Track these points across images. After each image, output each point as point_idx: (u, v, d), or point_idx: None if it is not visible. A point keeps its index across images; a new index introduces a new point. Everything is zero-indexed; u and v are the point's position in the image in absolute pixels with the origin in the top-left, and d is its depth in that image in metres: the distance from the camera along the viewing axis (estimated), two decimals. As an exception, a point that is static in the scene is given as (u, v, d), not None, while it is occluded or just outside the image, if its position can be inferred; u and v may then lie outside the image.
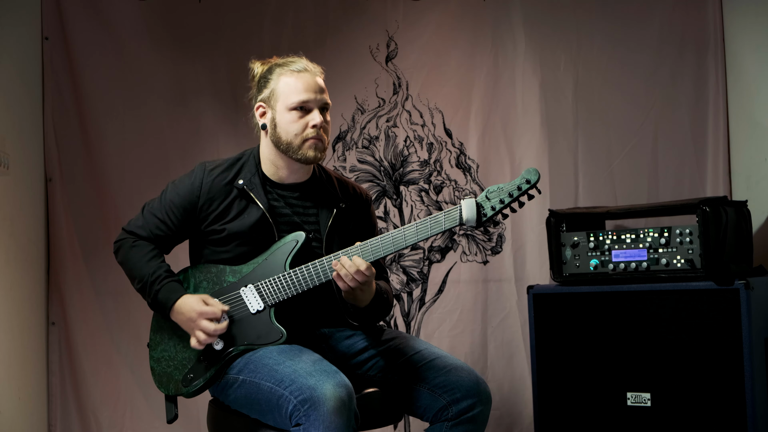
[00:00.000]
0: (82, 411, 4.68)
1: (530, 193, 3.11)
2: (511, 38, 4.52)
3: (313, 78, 3.21)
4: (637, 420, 3.65)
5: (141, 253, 3.27)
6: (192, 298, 3.15)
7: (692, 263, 3.60)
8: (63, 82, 4.72)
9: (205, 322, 3.09)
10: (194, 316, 3.11)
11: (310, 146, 3.20)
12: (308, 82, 3.20)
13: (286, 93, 3.20)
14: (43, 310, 4.67)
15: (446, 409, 3.10)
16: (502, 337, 4.49)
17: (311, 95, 3.19)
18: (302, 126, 3.18)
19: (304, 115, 3.19)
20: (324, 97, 3.23)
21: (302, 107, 3.18)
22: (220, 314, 3.11)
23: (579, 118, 4.43)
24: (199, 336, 3.10)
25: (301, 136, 3.19)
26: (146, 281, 3.21)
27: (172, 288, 3.19)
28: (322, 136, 3.20)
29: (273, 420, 2.98)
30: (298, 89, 3.19)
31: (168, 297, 3.17)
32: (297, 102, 3.18)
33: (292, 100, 3.19)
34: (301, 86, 3.19)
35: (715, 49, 4.24)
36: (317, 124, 3.18)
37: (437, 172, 4.57)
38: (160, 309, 3.20)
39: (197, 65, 4.75)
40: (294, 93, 3.19)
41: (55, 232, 4.68)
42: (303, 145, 3.20)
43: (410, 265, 4.57)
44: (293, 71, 3.21)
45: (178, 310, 3.15)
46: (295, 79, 3.20)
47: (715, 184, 4.21)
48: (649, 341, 3.63)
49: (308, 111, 3.19)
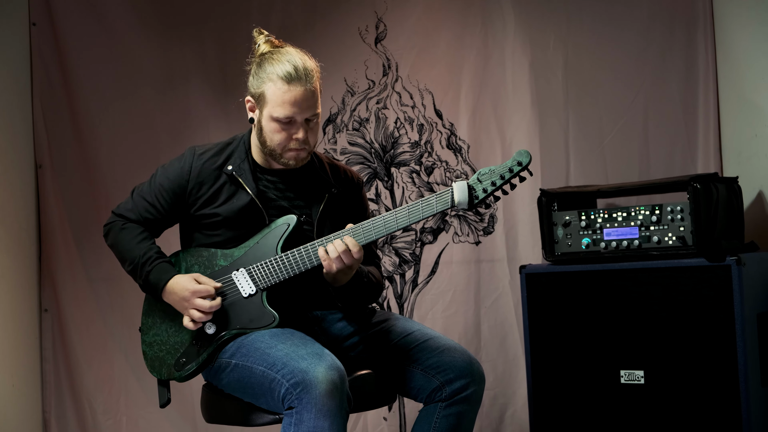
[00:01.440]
0: (76, 397, 4.69)
1: (522, 175, 3.11)
2: (500, 18, 4.50)
3: (303, 90, 3.09)
4: (630, 397, 3.65)
5: (131, 235, 3.26)
6: (184, 278, 3.14)
7: (684, 240, 3.60)
8: (51, 68, 4.71)
9: (199, 300, 3.09)
10: (187, 295, 3.10)
11: (292, 157, 3.17)
12: (296, 96, 3.08)
13: (272, 102, 3.11)
14: (35, 297, 4.67)
15: (440, 390, 3.11)
16: (495, 317, 4.49)
17: (297, 110, 3.10)
18: (285, 138, 3.13)
19: (288, 128, 3.12)
20: (311, 110, 3.12)
21: (287, 121, 3.12)
22: (213, 292, 3.11)
23: (569, 97, 4.42)
24: (194, 314, 3.10)
25: (283, 146, 3.15)
26: (137, 263, 3.21)
27: (163, 269, 3.18)
28: (305, 146, 3.16)
29: (266, 403, 2.98)
30: (284, 103, 3.09)
31: (159, 278, 3.16)
32: (282, 117, 3.10)
33: (276, 113, 3.11)
34: (288, 101, 3.09)
35: (704, 26, 4.23)
36: (300, 139, 3.13)
37: (428, 153, 4.56)
38: (151, 290, 3.20)
39: (186, 49, 4.75)
40: (279, 106, 3.10)
41: (47, 219, 4.68)
42: (285, 154, 3.17)
43: (402, 246, 4.57)
44: (283, 79, 3.08)
45: (170, 290, 3.14)
46: (284, 91, 3.09)
47: (705, 160, 4.20)
48: (642, 319, 3.64)
49: (293, 124, 3.12)
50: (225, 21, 4.71)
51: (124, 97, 4.75)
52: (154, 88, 4.76)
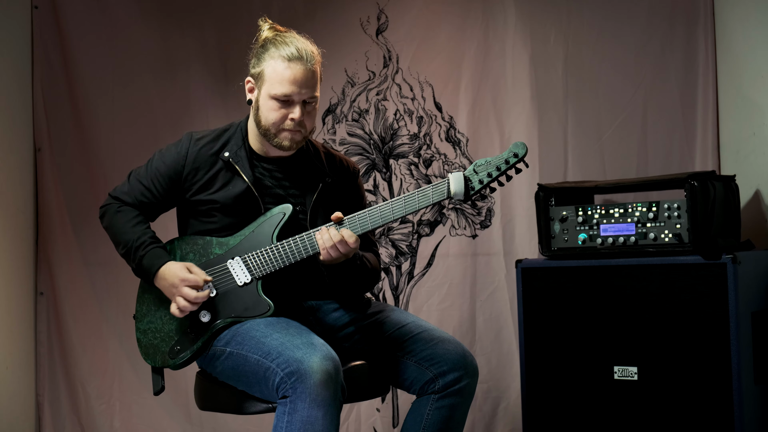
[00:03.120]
0: (69, 381, 4.70)
1: (518, 167, 3.12)
2: (501, 11, 4.50)
3: (303, 69, 3.10)
4: (623, 394, 3.66)
5: (126, 218, 3.26)
6: (176, 265, 3.14)
7: (680, 237, 3.60)
8: (52, 52, 4.71)
9: (187, 289, 3.09)
10: (176, 282, 3.11)
11: (286, 137, 3.17)
12: (296, 74, 3.09)
13: (271, 80, 3.12)
14: (31, 280, 4.68)
15: (433, 382, 3.12)
16: (491, 311, 4.50)
17: (295, 89, 3.10)
18: (281, 116, 3.14)
19: (286, 107, 3.13)
20: (310, 91, 3.13)
21: (284, 99, 3.13)
22: (201, 283, 3.10)
23: (569, 91, 4.42)
24: (179, 302, 3.10)
25: (278, 126, 3.15)
26: (131, 246, 3.21)
27: (157, 254, 3.18)
28: (300, 129, 3.16)
29: (260, 392, 2.99)
30: (283, 80, 3.10)
31: (152, 263, 3.17)
32: (279, 94, 3.11)
33: (275, 90, 3.11)
34: (287, 78, 3.10)
35: (704, 22, 4.23)
36: (296, 119, 3.13)
37: (427, 145, 4.56)
38: (144, 275, 3.20)
39: (187, 37, 4.75)
40: (278, 83, 3.11)
41: (44, 202, 4.68)
42: (279, 134, 3.17)
43: (399, 238, 4.58)
44: (284, 57, 3.10)
45: (162, 276, 3.15)
46: (284, 68, 3.10)
47: (703, 158, 4.21)
48: (637, 315, 3.64)
49: (290, 103, 3.13)
50: (226, 10, 4.71)
51: (124, 83, 4.75)
52: (154, 75, 4.76)
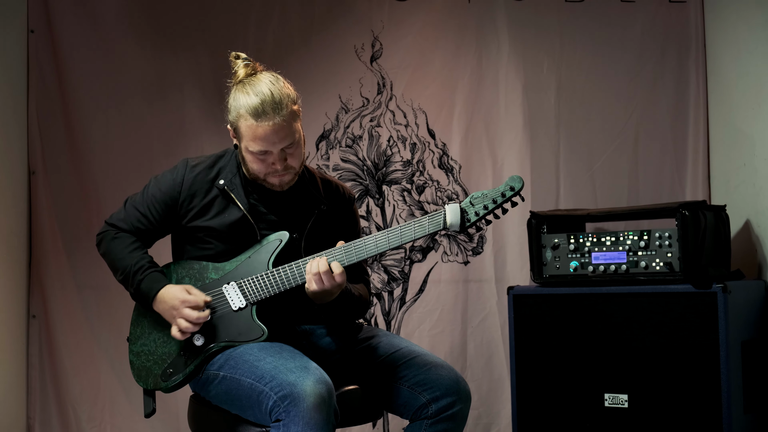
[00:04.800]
0: (61, 405, 4.68)
1: (514, 200, 3.15)
2: (495, 39, 4.54)
3: (273, 124, 3.07)
4: (614, 421, 3.67)
5: (123, 244, 3.27)
6: (175, 288, 3.15)
7: (671, 266, 3.63)
8: (48, 75, 4.72)
9: (188, 310, 3.09)
10: (177, 304, 3.11)
11: (275, 181, 3.19)
12: (266, 132, 3.08)
13: (246, 137, 3.12)
14: (24, 303, 4.67)
15: (426, 407, 3.12)
16: (482, 337, 4.51)
17: (268, 145, 3.10)
18: (264, 166, 3.15)
19: (266, 158, 3.14)
20: (285, 140, 3.11)
21: (262, 153, 3.13)
22: (202, 304, 3.11)
23: (561, 119, 4.45)
24: (181, 324, 3.10)
25: (264, 174, 3.17)
26: (129, 272, 3.21)
27: (155, 278, 3.19)
28: (287, 171, 3.17)
29: (253, 416, 2.99)
30: (255, 138, 3.10)
31: (151, 287, 3.17)
32: (256, 151, 3.12)
33: (251, 147, 3.12)
34: (259, 136, 3.09)
35: (696, 53, 4.27)
36: (278, 169, 3.14)
37: (420, 172, 4.59)
38: (142, 299, 3.20)
39: (182, 60, 4.76)
40: (252, 141, 3.11)
41: (38, 225, 4.68)
42: (267, 179, 3.19)
43: (391, 264, 4.59)
44: (252, 115, 3.08)
45: (161, 299, 3.15)
46: (255, 127, 3.09)
47: (694, 188, 4.24)
48: (628, 343, 3.66)
49: (269, 154, 3.13)
50: (221, 33, 4.72)
51: (119, 106, 4.75)
52: (149, 98, 4.77)
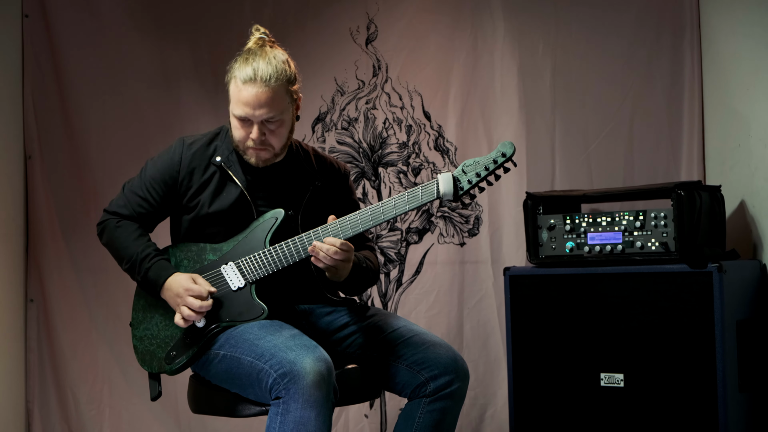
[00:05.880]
0: (59, 387, 4.70)
1: (506, 166, 3.15)
2: (490, 22, 4.54)
3: (257, 92, 3.09)
4: (610, 400, 3.69)
5: (126, 233, 3.28)
6: (182, 276, 3.16)
7: (666, 246, 3.64)
8: (43, 60, 4.72)
9: (191, 299, 3.10)
10: (181, 292, 3.12)
11: (252, 154, 3.21)
12: (248, 97, 3.10)
13: (232, 99, 3.16)
14: (21, 287, 4.68)
15: (424, 386, 3.14)
16: (478, 319, 4.53)
17: (249, 111, 3.11)
18: (244, 135, 3.17)
19: (246, 126, 3.16)
20: (267, 112, 3.12)
21: (242, 119, 3.15)
22: (206, 294, 3.12)
23: (556, 101, 4.46)
24: (184, 311, 3.11)
25: (243, 143, 3.19)
26: (135, 260, 3.22)
27: (162, 266, 3.20)
28: (266, 147, 3.18)
29: (253, 394, 3.01)
30: (238, 101, 3.12)
31: (159, 274, 3.18)
32: (236, 115, 3.14)
33: (234, 110, 3.15)
34: (242, 100, 3.11)
35: (691, 34, 4.28)
36: (254, 139, 3.15)
37: (416, 154, 4.60)
38: (150, 287, 3.21)
39: (178, 46, 4.76)
40: (235, 105, 3.14)
41: (35, 210, 4.69)
42: (246, 151, 3.21)
43: (388, 246, 4.61)
44: (240, 79, 3.12)
45: (168, 287, 3.16)
46: (239, 90, 3.12)
47: (689, 168, 4.25)
48: (623, 323, 3.67)
49: (249, 123, 3.15)
50: (217, 19, 4.73)
51: (115, 92, 4.76)
52: (145, 84, 4.77)
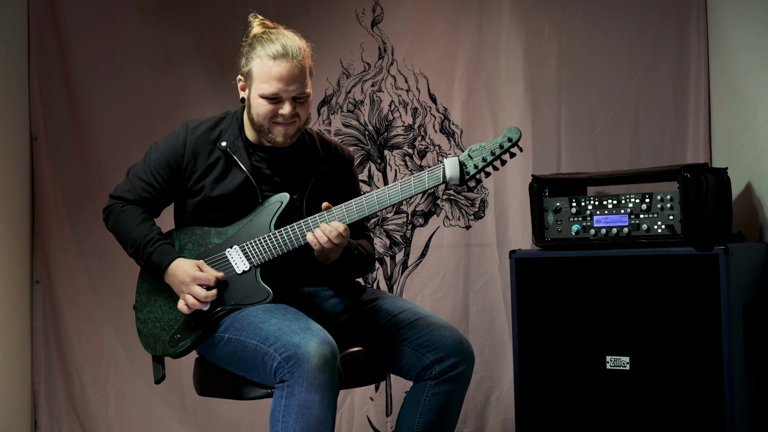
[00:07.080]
0: (65, 369, 4.71)
1: (512, 151, 3.15)
2: (496, 5, 4.53)
3: (290, 66, 3.09)
4: (616, 383, 3.69)
5: (130, 217, 3.27)
6: (187, 263, 3.16)
7: (672, 229, 3.63)
8: (48, 42, 4.72)
9: (197, 288, 3.10)
10: (187, 280, 3.12)
11: (279, 132, 3.18)
12: (282, 72, 3.09)
13: (259, 79, 3.12)
14: (27, 269, 4.69)
15: (430, 368, 3.14)
16: (484, 302, 4.53)
17: (282, 87, 3.10)
18: (272, 112, 3.14)
19: (276, 104, 3.13)
20: (299, 87, 3.12)
21: (273, 97, 3.13)
22: (213, 282, 3.12)
23: (562, 84, 4.45)
24: (189, 300, 3.11)
25: (271, 120, 3.16)
26: (138, 244, 3.22)
27: (165, 250, 3.20)
28: (294, 120, 3.16)
29: (258, 377, 3.01)
30: (270, 79, 3.10)
31: (162, 259, 3.18)
32: (268, 93, 3.11)
33: (263, 89, 3.12)
34: (274, 76, 3.09)
35: (697, 17, 4.26)
36: (286, 115, 3.13)
37: (421, 137, 4.59)
38: (153, 271, 3.21)
39: (183, 30, 4.76)
40: (265, 82, 3.11)
41: (40, 191, 4.70)
42: (272, 129, 3.17)
43: (393, 228, 4.60)
44: (270, 56, 3.10)
45: (172, 272, 3.16)
46: (270, 66, 3.09)
47: (695, 151, 4.24)
48: (629, 306, 3.67)
49: (280, 101, 3.13)
50: (221, 4, 4.72)
51: (120, 74, 4.76)
52: (150, 67, 4.77)
